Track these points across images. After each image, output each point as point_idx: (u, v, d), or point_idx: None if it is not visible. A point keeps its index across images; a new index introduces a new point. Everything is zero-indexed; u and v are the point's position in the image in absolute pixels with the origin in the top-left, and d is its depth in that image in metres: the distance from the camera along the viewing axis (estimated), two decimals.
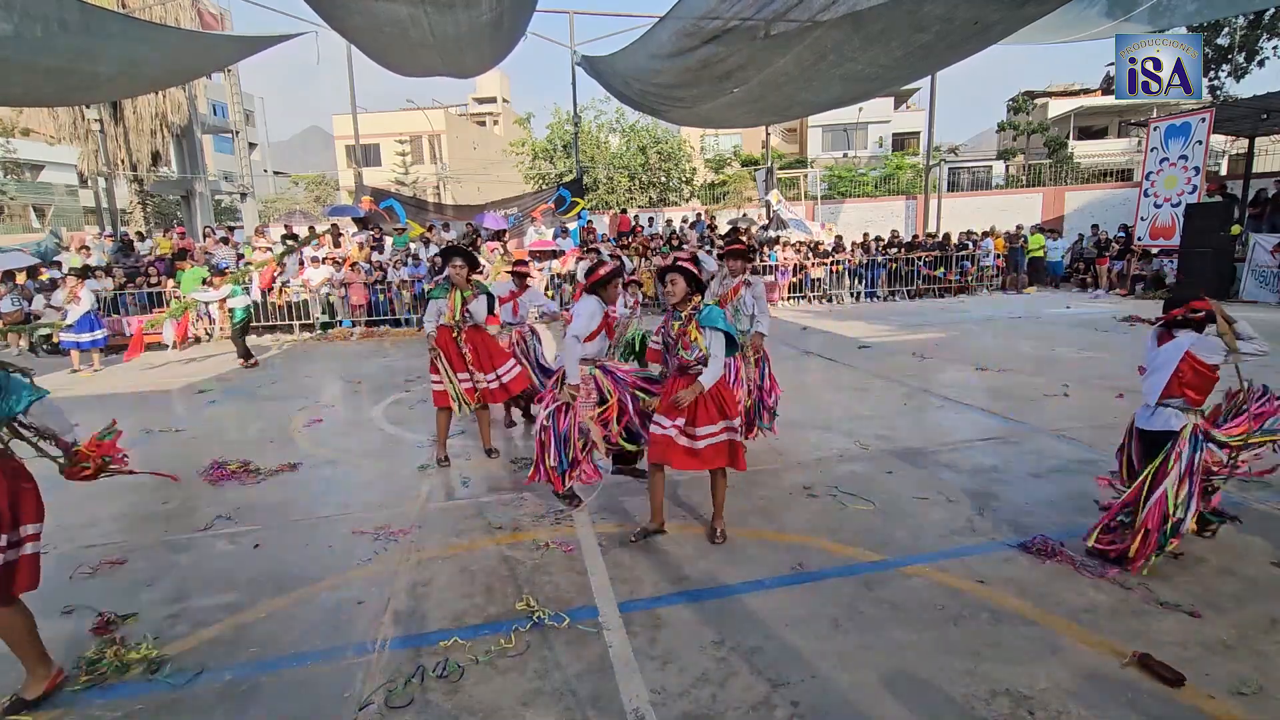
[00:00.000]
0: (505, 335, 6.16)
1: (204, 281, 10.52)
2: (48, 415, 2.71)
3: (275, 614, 3.25)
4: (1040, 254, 17.32)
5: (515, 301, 6.26)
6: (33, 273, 13.11)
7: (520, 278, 6.46)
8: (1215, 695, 2.48)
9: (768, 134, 22.54)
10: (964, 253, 16.51)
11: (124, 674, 2.81)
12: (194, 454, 5.79)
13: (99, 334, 10.09)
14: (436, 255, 14.27)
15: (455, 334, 5.19)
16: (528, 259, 13.67)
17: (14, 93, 11.55)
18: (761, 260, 15.22)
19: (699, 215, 19.67)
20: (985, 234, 17.31)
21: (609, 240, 16.21)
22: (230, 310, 9.99)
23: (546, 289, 14.01)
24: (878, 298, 15.89)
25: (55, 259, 13.45)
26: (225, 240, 15.41)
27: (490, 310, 5.39)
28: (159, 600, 3.42)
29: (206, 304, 11.10)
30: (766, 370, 5.27)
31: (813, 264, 15.73)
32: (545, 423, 4.21)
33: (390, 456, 5.71)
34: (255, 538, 4.13)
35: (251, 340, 12.76)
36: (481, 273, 10.32)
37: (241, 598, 3.41)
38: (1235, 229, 13.79)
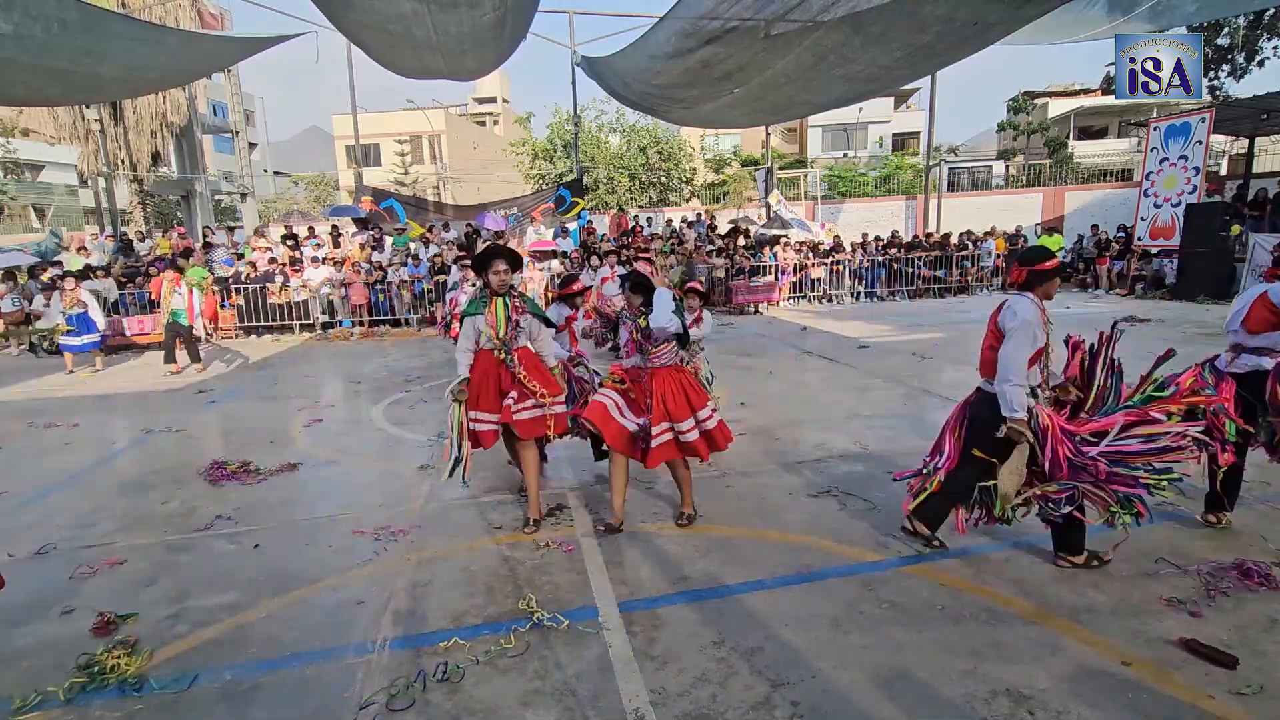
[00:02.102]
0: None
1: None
2: None
3: (275, 614, 3.25)
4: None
5: (571, 329, 5.00)
6: (34, 272, 13.11)
7: (572, 300, 5.12)
8: (1215, 695, 2.48)
9: (768, 134, 22.55)
10: (964, 253, 16.51)
11: (112, 680, 2.76)
12: (194, 454, 5.80)
13: (92, 337, 10.00)
14: (437, 255, 14.27)
15: (504, 357, 4.00)
16: (577, 281, 13.34)
17: (18, 93, 11.59)
18: (761, 260, 15.23)
19: (699, 215, 19.67)
20: (985, 234, 17.32)
21: (609, 240, 16.21)
22: (173, 312, 9.69)
23: (545, 289, 13.98)
24: (878, 298, 15.89)
25: (55, 259, 13.46)
26: (209, 245, 15.18)
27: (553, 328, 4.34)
28: (159, 600, 3.42)
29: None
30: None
31: (813, 264, 15.74)
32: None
33: (390, 456, 5.71)
34: (255, 538, 4.13)
35: (252, 340, 12.82)
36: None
37: (241, 598, 3.41)
38: (1235, 229, 13.80)
